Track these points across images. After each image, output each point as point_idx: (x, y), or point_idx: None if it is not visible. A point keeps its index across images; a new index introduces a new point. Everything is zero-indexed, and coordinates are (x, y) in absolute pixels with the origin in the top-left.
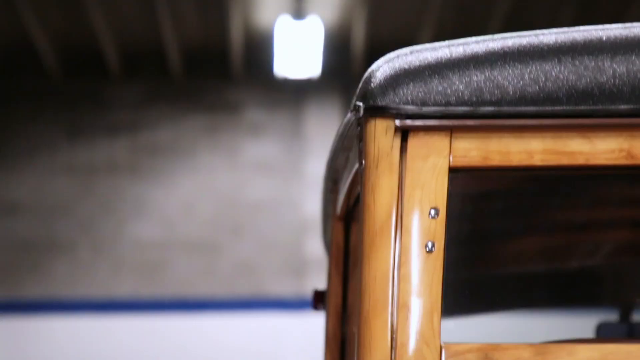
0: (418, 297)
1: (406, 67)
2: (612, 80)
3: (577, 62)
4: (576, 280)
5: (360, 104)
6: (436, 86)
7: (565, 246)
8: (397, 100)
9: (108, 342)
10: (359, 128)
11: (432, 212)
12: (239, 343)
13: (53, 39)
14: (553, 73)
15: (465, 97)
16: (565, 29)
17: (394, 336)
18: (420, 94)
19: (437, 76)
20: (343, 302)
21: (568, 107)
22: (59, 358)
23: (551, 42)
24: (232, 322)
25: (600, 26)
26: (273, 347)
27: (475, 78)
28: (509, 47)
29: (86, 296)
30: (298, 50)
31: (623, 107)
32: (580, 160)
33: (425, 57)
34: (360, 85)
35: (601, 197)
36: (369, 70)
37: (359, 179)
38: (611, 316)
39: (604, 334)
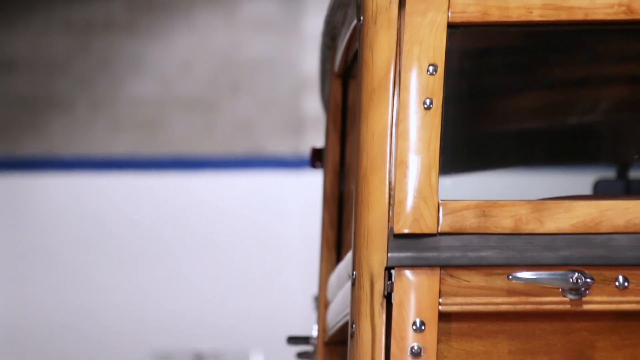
0: (416, 154)
1: None
2: None
3: None
4: (574, 137)
5: None
6: None
7: (564, 103)
8: None
9: (105, 200)
10: None
11: (431, 68)
12: (237, 201)
13: None
14: None
15: None
16: None
17: (392, 193)
18: None
19: None
20: (341, 160)
21: None
22: (56, 215)
23: None
24: (230, 180)
25: None
26: (271, 205)
27: None
28: None
29: (84, 154)
30: None
31: None
32: (579, 16)
33: None
34: None
35: (600, 53)
36: None
37: (357, 35)
38: (608, 173)
39: (601, 191)
